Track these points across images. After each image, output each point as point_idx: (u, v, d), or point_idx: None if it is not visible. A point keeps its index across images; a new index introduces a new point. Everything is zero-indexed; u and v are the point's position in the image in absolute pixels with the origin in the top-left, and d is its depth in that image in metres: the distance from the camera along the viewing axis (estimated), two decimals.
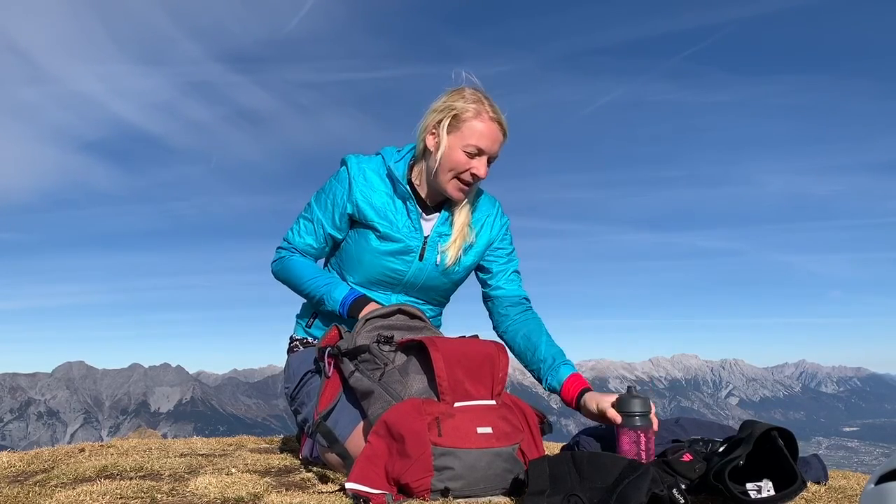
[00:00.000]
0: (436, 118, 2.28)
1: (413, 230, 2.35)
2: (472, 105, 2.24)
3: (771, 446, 1.74)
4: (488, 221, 2.49)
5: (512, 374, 1.96)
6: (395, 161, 2.37)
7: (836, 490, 1.92)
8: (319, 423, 1.98)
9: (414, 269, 2.37)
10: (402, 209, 2.35)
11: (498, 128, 2.27)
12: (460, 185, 2.30)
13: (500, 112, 2.28)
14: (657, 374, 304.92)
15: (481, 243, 2.46)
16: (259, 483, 1.92)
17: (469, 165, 2.26)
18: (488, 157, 2.29)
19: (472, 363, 1.88)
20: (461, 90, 2.30)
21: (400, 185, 2.33)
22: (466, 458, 1.70)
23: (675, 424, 2.18)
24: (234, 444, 2.91)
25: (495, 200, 2.57)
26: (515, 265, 2.55)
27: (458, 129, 2.25)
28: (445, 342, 1.93)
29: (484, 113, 2.24)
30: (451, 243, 2.37)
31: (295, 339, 2.52)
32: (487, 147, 2.25)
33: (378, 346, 2.00)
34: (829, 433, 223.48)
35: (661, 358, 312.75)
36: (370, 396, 1.93)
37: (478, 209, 2.47)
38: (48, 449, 2.64)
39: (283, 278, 2.46)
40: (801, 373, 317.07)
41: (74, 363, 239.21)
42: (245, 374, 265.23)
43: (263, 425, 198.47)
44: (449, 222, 2.40)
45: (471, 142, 2.23)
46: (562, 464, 1.62)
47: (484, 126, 2.24)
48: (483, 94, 2.29)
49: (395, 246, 2.33)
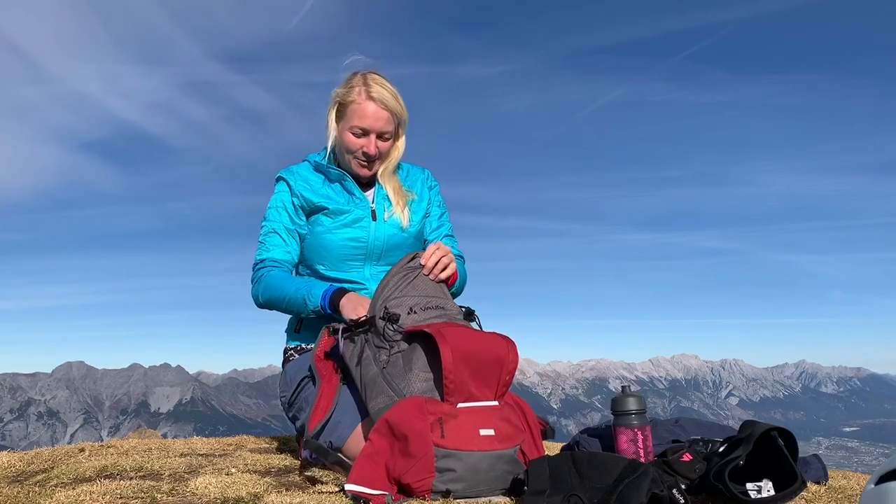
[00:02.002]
0: (327, 111, 2.51)
1: (358, 200, 2.51)
2: (354, 89, 2.43)
3: (771, 446, 1.74)
4: (418, 185, 2.67)
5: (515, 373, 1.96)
6: (320, 158, 2.57)
7: (836, 490, 1.92)
8: (308, 441, 1.96)
9: (374, 232, 2.49)
10: (340, 189, 2.53)
11: (380, 106, 2.41)
12: (360, 161, 2.49)
13: (385, 91, 2.42)
14: (657, 375, 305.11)
15: (423, 199, 2.64)
16: (259, 483, 1.92)
17: (359, 144, 2.45)
18: (378, 134, 2.44)
19: (480, 364, 1.85)
20: (350, 77, 2.47)
21: (332, 170, 2.53)
22: (469, 460, 1.70)
23: (675, 425, 2.18)
24: (234, 444, 2.91)
25: (423, 169, 2.75)
26: (446, 229, 2.70)
27: (344, 114, 2.46)
28: (455, 335, 1.86)
29: (363, 94, 2.41)
30: (395, 207, 2.53)
31: (289, 350, 2.54)
32: (370, 126, 2.42)
33: (385, 325, 2.00)
34: (829, 433, 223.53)
35: (661, 358, 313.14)
36: (374, 387, 1.91)
37: (407, 178, 2.65)
38: (48, 449, 2.64)
39: (266, 299, 2.43)
40: (801, 373, 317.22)
41: (74, 363, 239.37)
42: (245, 374, 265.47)
43: (263, 425, 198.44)
44: (384, 191, 2.56)
45: (354, 123, 2.43)
46: (562, 464, 1.62)
47: (365, 107, 2.41)
48: (367, 77, 2.44)
49: (347, 217, 2.47)
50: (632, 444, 1.89)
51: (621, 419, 1.93)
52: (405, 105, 2.49)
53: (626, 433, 1.91)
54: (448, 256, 2.26)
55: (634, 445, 1.89)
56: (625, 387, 1.99)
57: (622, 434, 1.92)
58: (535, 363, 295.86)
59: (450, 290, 2.30)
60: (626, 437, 1.90)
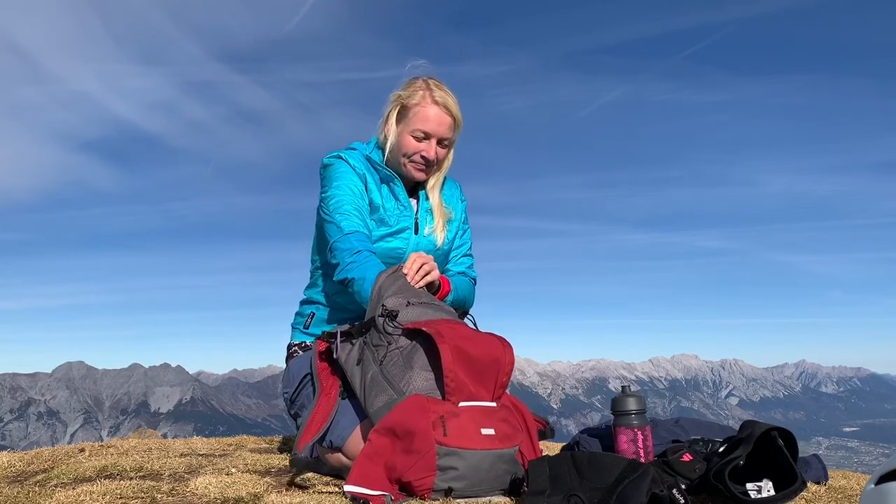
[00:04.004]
0: (387, 110, 2.49)
1: (403, 209, 2.49)
2: (417, 93, 2.43)
3: (771, 446, 1.74)
4: (454, 200, 2.68)
5: (511, 375, 1.96)
6: (368, 151, 2.51)
7: (836, 490, 1.92)
8: (296, 459, 1.93)
9: (412, 245, 2.48)
10: (388, 193, 2.49)
11: (443, 111, 2.42)
12: (416, 164, 2.47)
13: (448, 97, 2.44)
14: (657, 375, 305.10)
15: (458, 217, 2.66)
16: (259, 483, 1.92)
17: (418, 148, 2.44)
18: (438, 140, 2.44)
19: (477, 364, 1.85)
20: (411, 81, 2.48)
21: (382, 170, 2.48)
22: (471, 458, 1.70)
23: (675, 425, 2.18)
24: (234, 444, 2.91)
25: (457, 183, 2.74)
26: (467, 248, 2.70)
27: (406, 116, 2.44)
28: (454, 334, 1.87)
29: (428, 98, 2.42)
30: (436, 224, 2.54)
31: (294, 346, 2.52)
32: (433, 130, 2.42)
33: (384, 321, 1.99)
34: (829, 433, 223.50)
35: (661, 358, 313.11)
36: (373, 387, 1.90)
37: (444, 190, 2.65)
38: (48, 449, 2.64)
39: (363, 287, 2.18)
40: (801, 373, 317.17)
41: (74, 363, 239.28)
42: (245, 374, 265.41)
43: (263, 425, 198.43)
44: (428, 202, 2.55)
45: (416, 126, 2.41)
46: (562, 464, 1.62)
47: (428, 111, 2.41)
48: (430, 82, 2.46)
49: (391, 228, 2.46)
50: (632, 444, 1.90)
51: (621, 419, 1.94)
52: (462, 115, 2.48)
53: (626, 433, 1.91)
54: (430, 264, 2.23)
55: (634, 445, 1.89)
56: (625, 387, 2.00)
57: (622, 434, 1.92)
58: (535, 363, 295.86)
59: (444, 299, 2.31)
60: (626, 437, 1.91)
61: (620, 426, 1.93)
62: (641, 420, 1.92)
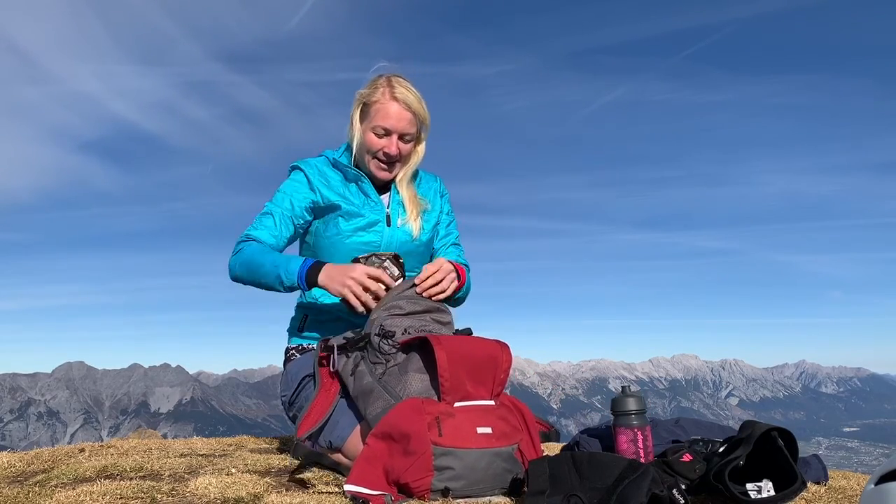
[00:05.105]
0: (351, 109, 2.51)
1: (374, 203, 2.50)
2: (378, 90, 2.44)
3: (771, 446, 1.74)
4: (431, 193, 2.67)
5: (512, 375, 1.97)
6: (337, 155, 2.56)
7: (836, 490, 1.92)
8: (297, 446, 1.93)
9: (386, 237, 2.48)
10: (356, 190, 2.51)
11: (403, 107, 2.42)
12: (379, 164, 2.48)
13: (409, 93, 2.44)
14: (657, 375, 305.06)
15: (435, 208, 2.65)
16: (259, 483, 1.92)
17: (381, 145, 2.45)
18: (400, 135, 2.44)
19: (474, 363, 1.88)
20: (374, 80, 2.49)
21: (349, 170, 2.51)
22: (467, 458, 1.71)
23: (675, 425, 2.18)
24: (234, 445, 2.91)
25: (436, 177, 2.76)
26: (454, 238, 2.71)
27: (368, 114, 2.46)
28: (450, 339, 1.93)
29: (387, 95, 2.42)
30: (409, 215, 2.53)
31: (291, 349, 2.53)
32: (393, 126, 2.42)
33: (380, 341, 2.01)
34: (829, 433, 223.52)
35: (661, 358, 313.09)
36: (370, 395, 1.93)
37: (420, 185, 2.66)
38: (48, 449, 2.64)
39: (239, 272, 2.36)
40: (801, 373, 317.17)
41: (74, 363, 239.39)
42: (245, 374, 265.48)
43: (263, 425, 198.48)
44: (399, 197, 2.55)
45: (377, 123, 2.42)
46: (562, 464, 1.62)
47: (388, 107, 2.41)
48: (392, 79, 2.45)
49: (362, 221, 2.46)
50: (632, 444, 1.89)
51: (621, 419, 1.93)
52: (428, 110, 2.49)
53: (626, 433, 1.91)
54: (448, 279, 2.25)
55: (634, 445, 1.89)
56: (625, 387, 2.00)
57: (622, 434, 1.92)
58: (535, 363, 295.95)
59: (454, 295, 2.31)
60: (626, 437, 1.91)
61: (620, 426, 1.93)
62: (641, 420, 1.92)
